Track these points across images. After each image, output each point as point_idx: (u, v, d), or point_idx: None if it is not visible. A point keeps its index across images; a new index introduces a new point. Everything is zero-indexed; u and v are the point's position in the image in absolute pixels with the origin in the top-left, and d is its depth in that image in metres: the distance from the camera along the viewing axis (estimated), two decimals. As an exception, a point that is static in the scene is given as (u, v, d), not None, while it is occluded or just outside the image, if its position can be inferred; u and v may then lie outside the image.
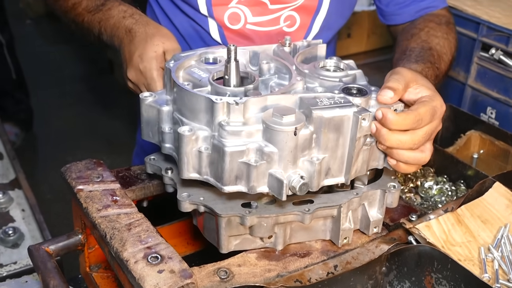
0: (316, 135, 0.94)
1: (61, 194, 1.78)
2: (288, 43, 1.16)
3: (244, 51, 1.11)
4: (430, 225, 1.09)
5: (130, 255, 0.92)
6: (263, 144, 0.92)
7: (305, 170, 0.95)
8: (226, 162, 0.92)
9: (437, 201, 1.34)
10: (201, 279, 0.94)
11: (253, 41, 1.45)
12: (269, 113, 0.93)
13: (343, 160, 0.97)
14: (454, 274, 1.00)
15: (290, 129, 0.90)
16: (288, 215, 1.00)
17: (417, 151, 1.02)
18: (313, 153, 0.95)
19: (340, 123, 0.94)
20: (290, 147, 0.91)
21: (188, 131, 0.94)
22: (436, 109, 1.02)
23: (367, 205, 1.06)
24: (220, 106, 0.93)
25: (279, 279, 0.97)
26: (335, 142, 0.96)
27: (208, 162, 0.96)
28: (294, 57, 1.11)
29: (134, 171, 1.20)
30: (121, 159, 2.07)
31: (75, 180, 1.09)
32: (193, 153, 0.95)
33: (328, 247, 1.05)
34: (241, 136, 0.92)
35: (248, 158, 0.92)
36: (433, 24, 1.43)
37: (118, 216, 1.01)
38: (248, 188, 0.94)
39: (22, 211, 1.52)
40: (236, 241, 1.02)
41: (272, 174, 0.93)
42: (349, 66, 1.09)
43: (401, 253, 1.05)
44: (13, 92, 3.80)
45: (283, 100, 0.96)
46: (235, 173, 0.93)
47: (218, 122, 0.93)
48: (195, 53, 1.10)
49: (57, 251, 1.08)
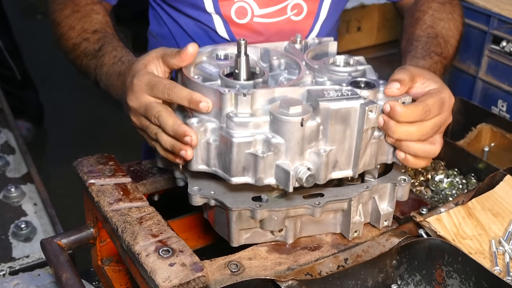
0: (323, 126, 0.95)
1: (72, 189, 1.80)
2: (299, 40, 1.16)
3: (255, 48, 1.11)
4: (440, 218, 1.09)
5: (141, 248, 0.92)
6: (270, 136, 0.93)
7: (312, 162, 0.95)
8: (233, 153, 0.93)
9: (448, 194, 1.34)
10: (212, 272, 0.94)
11: (261, 34, 1.44)
12: (277, 105, 0.93)
13: (350, 153, 0.98)
14: (465, 267, 1.00)
15: (297, 120, 0.91)
16: (298, 209, 1.00)
17: (426, 143, 1.01)
18: (320, 145, 0.96)
19: (347, 115, 0.94)
20: (297, 138, 0.92)
21: (197, 122, 0.95)
22: (445, 101, 1.02)
23: (377, 199, 1.06)
24: (228, 97, 0.93)
25: (289, 272, 0.97)
26: (342, 134, 0.96)
27: (216, 154, 0.96)
28: (304, 54, 1.11)
29: (145, 165, 1.20)
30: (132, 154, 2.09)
31: (86, 174, 1.10)
32: (202, 145, 0.96)
33: (339, 241, 1.05)
34: (248, 127, 0.93)
35: (256, 149, 0.93)
36: (436, 5, 1.41)
37: (129, 210, 1.02)
38: (255, 180, 0.94)
39: (34, 205, 1.53)
40: (247, 234, 1.03)
41: (279, 166, 0.93)
42: (359, 61, 1.09)
43: (412, 246, 1.05)
44: (20, 93, 3.82)
45: (291, 92, 0.97)
46: (243, 164, 0.94)
47: (226, 114, 0.94)
48: (206, 49, 1.11)
49: (69, 244, 1.09)
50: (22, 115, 3.81)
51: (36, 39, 4.90)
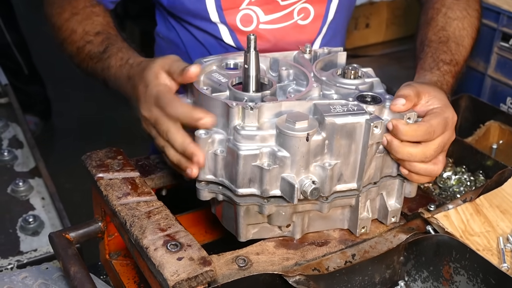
0: (329, 141, 0.96)
1: (80, 183, 1.81)
2: (308, 50, 1.17)
3: (264, 58, 1.12)
4: (448, 215, 1.09)
5: (149, 242, 0.93)
6: (276, 149, 0.94)
7: (317, 175, 0.96)
8: (240, 165, 0.94)
9: (456, 191, 1.34)
10: (220, 267, 0.95)
11: (268, 41, 1.43)
12: (283, 119, 0.94)
13: (355, 167, 0.99)
14: (473, 264, 1.00)
15: (303, 134, 0.92)
16: (306, 204, 1.00)
17: (429, 164, 1.02)
18: (326, 159, 0.97)
19: (353, 130, 0.95)
20: (302, 152, 0.93)
21: (204, 134, 0.96)
22: (448, 120, 1.02)
23: (385, 195, 1.06)
24: (236, 110, 0.95)
25: (297, 267, 0.97)
26: (348, 148, 0.97)
27: (223, 165, 0.98)
28: (313, 64, 1.11)
29: (153, 160, 1.21)
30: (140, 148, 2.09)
31: (95, 168, 1.10)
32: (209, 156, 0.98)
33: (346, 236, 1.06)
34: (255, 140, 0.94)
35: (262, 162, 0.94)
36: (450, 1, 1.38)
37: (137, 204, 1.02)
38: (261, 191, 0.96)
39: (42, 199, 1.54)
40: (255, 229, 1.03)
41: (284, 178, 0.95)
42: (367, 74, 1.09)
43: (419, 242, 1.05)
44: (27, 87, 3.84)
45: (298, 106, 0.98)
46: (249, 176, 0.95)
47: (233, 126, 0.95)
48: (216, 58, 1.12)
49: (77, 238, 1.09)
50: (30, 109, 3.82)
51: (44, 34, 4.91)
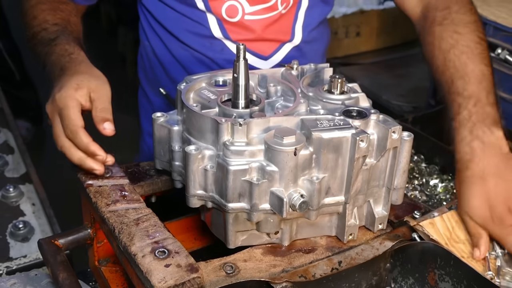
0: (316, 155, 0.98)
1: (71, 189, 1.81)
2: (295, 67, 1.19)
3: (253, 75, 1.14)
4: (434, 222, 1.10)
5: (138, 249, 0.93)
6: (265, 164, 0.96)
7: (305, 188, 0.98)
8: (229, 180, 0.96)
9: (442, 198, 1.35)
10: (207, 274, 0.95)
11: (253, 31, 1.46)
12: (271, 134, 0.96)
13: (342, 180, 1.01)
14: (457, 271, 1.01)
15: (290, 149, 0.94)
16: (294, 212, 1.01)
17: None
18: (313, 173, 0.99)
19: (339, 144, 0.97)
20: (291, 167, 0.95)
21: (194, 150, 0.98)
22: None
23: (372, 202, 1.08)
24: (225, 127, 0.97)
25: (284, 274, 0.98)
26: (335, 162, 0.99)
27: (213, 180, 1.00)
28: (300, 80, 1.14)
29: (143, 167, 1.21)
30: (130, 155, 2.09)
31: (85, 175, 1.11)
32: (199, 171, 1.00)
33: (333, 243, 1.07)
34: (244, 155, 0.96)
35: (251, 176, 0.96)
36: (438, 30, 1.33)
37: (126, 211, 1.03)
38: (251, 205, 0.98)
39: (32, 205, 1.54)
40: (243, 236, 1.04)
41: (273, 192, 0.96)
42: (353, 89, 1.11)
43: (405, 250, 1.07)
44: (19, 93, 3.84)
45: (285, 121, 1.00)
46: (238, 190, 0.97)
47: (222, 142, 0.97)
48: (205, 76, 1.14)
49: (66, 244, 1.10)
50: (22, 115, 3.81)
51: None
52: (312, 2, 1.50)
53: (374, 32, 4.20)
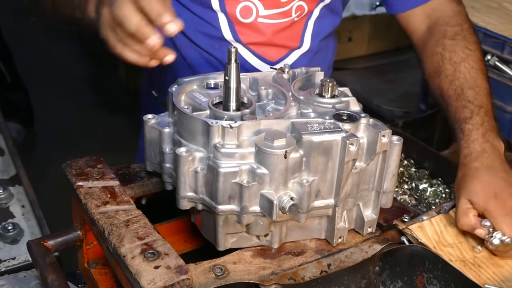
0: (306, 158, 0.98)
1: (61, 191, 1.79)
2: (287, 70, 1.20)
3: (244, 78, 1.15)
4: (422, 226, 1.11)
5: (127, 250, 0.93)
6: (255, 166, 0.96)
7: (295, 191, 0.98)
8: (220, 182, 0.96)
9: (432, 203, 1.36)
10: (197, 276, 0.96)
11: (264, 34, 1.47)
12: (262, 137, 0.97)
13: (332, 183, 1.01)
14: (445, 274, 1.02)
15: (281, 152, 0.94)
16: (284, 214, 1.02)
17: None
18: (303, 176, 0.99)
19: (329, 148, 0.98)
20: (281, 170, 0.95)
21: (185, 152, 0.99)
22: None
23: (361, 205, 1.08)
24: (216, 129, 0.97)
25: (273, 276, 0.99)
26: (325, 165, 0.99)
27: (203, 182, 1.00)
28: (291, 84, 1.14)
29: (133, 169, 1.21)
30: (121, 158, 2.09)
31: (75, 176, 1.11)
32: (190, 173, 1.00)
33: (323, 246, 1.07)
34: (234, 158, 0.96)
35: (241, 179, 0.97)
36: (449, 43, 1.41)
37: (116, 213, 1.03)
38: (241, 208, 0.98)
39: (22, 207, 1.53)
40: (233, 239, 1.04)
41: (263, 195, 0.97)
42: (343, 93, 1.12)
43: (394, 253, 1.07)
44: (10, 95, 3.83)
45: (276, 124, 1.00)
46: (229, 193, 0.97)
47: (213, 144, 0.97)
48: (197, 78, 1.14)
49: (56, 246, 1.10)
50: (13, 116, 3.80)
51: (27, 41, 4.89)
52: (323, 12, 1.51)
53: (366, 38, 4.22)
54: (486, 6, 1.99)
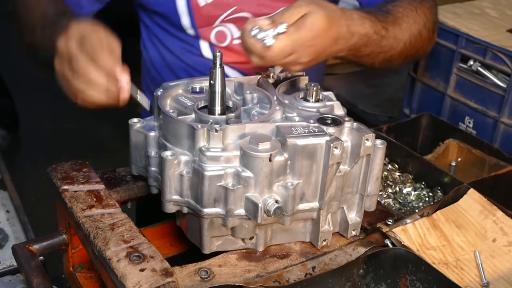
0: (291, 161, 0.99)
1: (46, 196, 1.79)
2: (272, 75, 1.21)
3: (229, 82, 1.15)
4: (406, 229, 1.12)
5: (112, 253, 0.94)
6: (240, 169, 0.97)
7: (280, 194, 0.99)
8: (205, 186, 0.97)
9: (415, 206, 1.38)
10: (182, 279, 0.96)
11: (242, 55, 1.45)
12: (247, 140, 0.98)
13: (317, 186, 1.02)
14: (428, 276, 1.03)
15: (265, 155, 0.95)
16: (269, 217, 1.02)
17: None
18: (288, 179, 1.00)
19: (314, 151, 0.99)
20: (266, 173, 0.96)
21: (170, 155, 0.99)
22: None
23: (346, 209, 1.09)
24: (201, 132, 0.98)
25: (258, 279, 0.99)
26: (309, 168, 1.00)
27: (189, 185, 1.00)
28: (276, 88, 1.15)
29: (119, 173, 1.22)
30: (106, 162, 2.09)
31: (60, 180, 1.11)
32: (175, 177, 1.00)
33: (307, 249, 1.08)
34: (219, 161, 0.97)
35: (226, 182, 0.97)
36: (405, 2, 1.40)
37: (102, 216, 1.03)
38: (226, 211, 0.99)
39: (6, 212, 1.53)
40: (218, 242, 1.05)
41: (249, 198, 0.98)
42: (328, 97, 1.14)
43: (378, 255, 1.08)
44: None
45: (261, 128, 1.01)
46: (214, 196, 0.98)
47: (198, 148, 0.98)
48: (182, 82, 1.15)
49: (41, 250, 1.09)
50: (-3, 122, 3.79)
51: (11, 47, 4.86)
52: None
53: (351, 44, 4.24)
54: (468, 12, 2.01)
